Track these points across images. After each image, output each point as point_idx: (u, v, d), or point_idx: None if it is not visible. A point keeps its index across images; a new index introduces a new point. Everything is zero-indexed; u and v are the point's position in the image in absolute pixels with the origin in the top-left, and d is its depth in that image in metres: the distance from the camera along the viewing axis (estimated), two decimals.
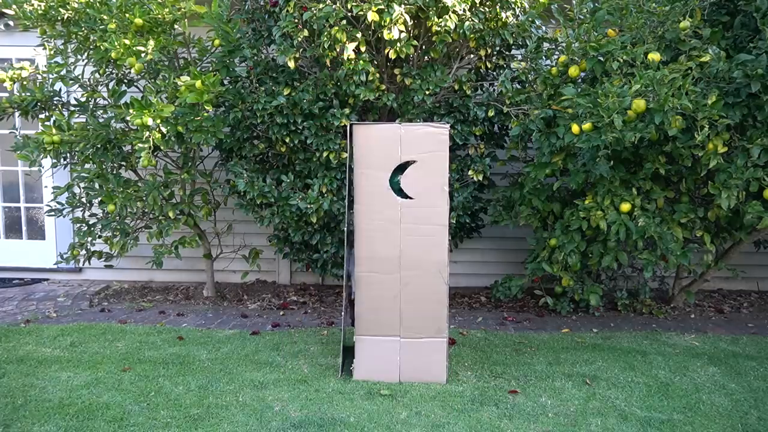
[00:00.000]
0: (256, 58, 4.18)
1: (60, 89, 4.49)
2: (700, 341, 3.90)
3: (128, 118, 3.72)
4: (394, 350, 3.23)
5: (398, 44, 3.74)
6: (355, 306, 3.24)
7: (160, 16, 3.87)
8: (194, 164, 4.62)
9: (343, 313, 3.39)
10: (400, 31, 3.69)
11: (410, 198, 3.16)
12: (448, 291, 3.21)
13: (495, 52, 4.34)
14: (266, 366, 3.44)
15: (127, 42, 3.71)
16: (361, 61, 3.77)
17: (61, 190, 4.32)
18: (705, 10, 3.70)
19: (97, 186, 4.26)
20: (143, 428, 2.74)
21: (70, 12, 3.97)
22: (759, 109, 3.48)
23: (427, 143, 3.13)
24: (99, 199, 4.23)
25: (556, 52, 4.22)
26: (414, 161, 3.14)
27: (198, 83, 3.62)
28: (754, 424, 2.81)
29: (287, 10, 3.80)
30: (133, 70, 3.94)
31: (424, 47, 4.10)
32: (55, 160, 4.20)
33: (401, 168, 3.16)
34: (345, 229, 3.37)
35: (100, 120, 4.25)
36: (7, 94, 4.43)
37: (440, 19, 3.76)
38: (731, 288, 5.23)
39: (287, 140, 4.18)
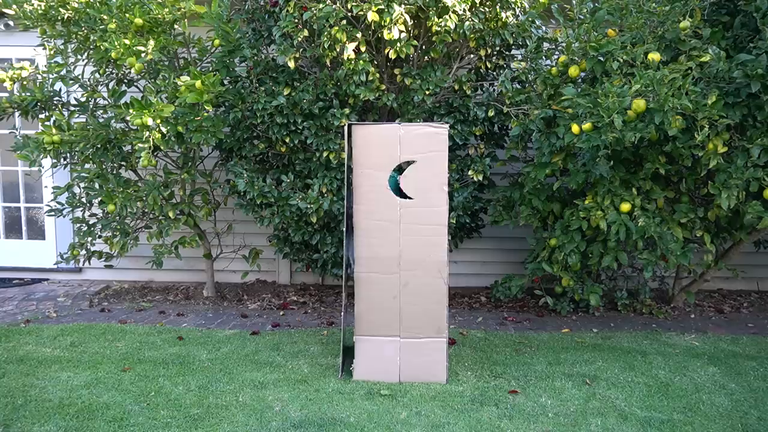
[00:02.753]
0: (256, 58, 4.18)
1: (60, 89, 4.48)
2: (700, 341, 3.90)
3: (128, 118, 3.72)
4: (394, 350, 3.23)
5: (398, 44, 3.74)
6: (354, 306, 3.24)
7: (160, 16, 3.87)
8: (194, 164, 4.62)
9: (342, 313, 3.39)
10: (400, 31, 3.69)
11: (410, 198, 3.16)
12: (447, 291, 3.21)
13: (495, 52, 4.34)
14: (266, 366, 3.44)
15: (127, 42, 3.71)
16: (361, 61, 3.77)
17: (61, 190, 4.32)
18: (705, 10, 3.70)
19: (97, 186, 4.26)
20: (143, 428, 2.73)
21: (70, 12, 3.97)
22: (759, 109, 3.48)
23: (426, 143, 3.13)
24: (99, 199, 4.23)
25: (556, 52, 4.22)
26: (413, 161, 3.14)
27: (198, 83, 3.62)
28: (754, 424, 2.81)
29: (287, 10, 3.80)
30: (133, 70, 3.95)
31: (424, 47, 4.10)
32: (55, 160, 4.20)
33: (400, 168, 3.16)
34: (345, 215, 3.36)
35: (100, 120, 4.25)
36: (7, 94, 4.43)
37: (440, 19, 3.76)
38: (731, 288, 5.23)
39: (287, 140, 4.18)
